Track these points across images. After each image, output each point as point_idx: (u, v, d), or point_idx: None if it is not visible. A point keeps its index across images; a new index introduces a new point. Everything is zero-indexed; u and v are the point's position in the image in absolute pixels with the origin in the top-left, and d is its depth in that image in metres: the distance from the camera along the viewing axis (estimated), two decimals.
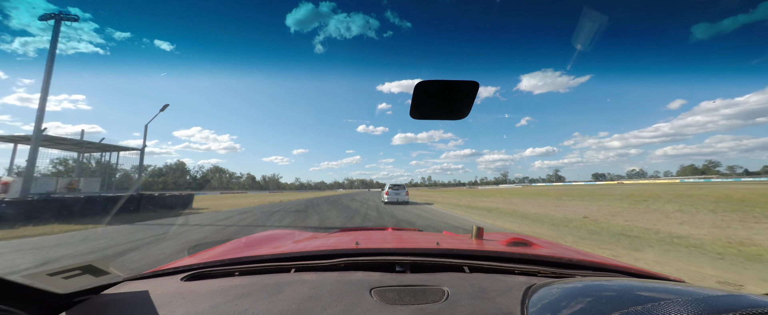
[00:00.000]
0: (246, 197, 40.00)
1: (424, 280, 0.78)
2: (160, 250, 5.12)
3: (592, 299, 0.52)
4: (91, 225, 8.62)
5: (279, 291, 0.72)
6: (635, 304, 0.46)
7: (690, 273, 3.66)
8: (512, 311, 0.61)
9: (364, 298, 0.67)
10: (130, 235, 6.62)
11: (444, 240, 1.29)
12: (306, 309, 0.63)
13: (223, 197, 41.07)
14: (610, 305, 0.48)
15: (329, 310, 0.62)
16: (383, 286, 0.73)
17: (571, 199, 18.74)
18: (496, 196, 26.14)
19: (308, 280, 0.78)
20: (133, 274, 0.91)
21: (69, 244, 5.68)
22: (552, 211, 11.38)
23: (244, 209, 15.15)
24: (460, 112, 1.04)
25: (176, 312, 0.64)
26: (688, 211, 9.67)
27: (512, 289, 0.70)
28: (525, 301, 0.62)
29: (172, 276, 0.89)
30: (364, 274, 0.81)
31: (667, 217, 8.74)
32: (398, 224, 8.62)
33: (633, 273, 0.91)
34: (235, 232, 7.50)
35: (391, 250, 0.97)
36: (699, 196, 16.33)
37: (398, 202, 17.66)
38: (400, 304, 0.64)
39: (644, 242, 5.47)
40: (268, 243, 1.43)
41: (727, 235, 5.88)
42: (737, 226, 6.86)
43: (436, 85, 0.96)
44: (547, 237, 4.89)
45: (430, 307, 0.63)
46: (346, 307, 0.63)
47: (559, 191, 33.91)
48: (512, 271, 0.85)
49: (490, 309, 0.62)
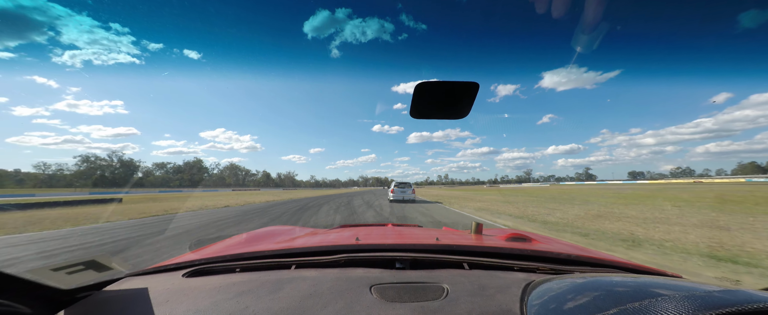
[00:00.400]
0: (245, 195, 37.83)
1: (424, 277, 0.78)
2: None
3: (590, 295, 0.52)
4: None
5: (279, 288, 0.72)
6: (633, 300, 0.46)
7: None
8: (511, 308, 0.61)
9: (364, 295, 0.68)
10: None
11: (444, 236, 1.29)
12: (306, 306, 0.63)
13: (222, 195, 38.02)
14: (608, 301, 0.48)
15: (329, 307, 0.63)
16: (383, 283, 0.74)
17: (659, 205, 11.94)
18: (523, 197, 20.63)
19: (308, 277, 0.78)
20: (136, 269, 0.92)
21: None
22: (680, 238, 5.45)
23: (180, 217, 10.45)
24: (459, 112, 1.04)
25: (178, 308, 0.65)
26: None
27: (511, 286, 0.71)
28: (524, 298, 0.62)
29: (174, 272, 0.90)
30: (364, 271, 0.82)
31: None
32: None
33: (631, 269, 0.92)
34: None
35: (391, 246, 0.97)
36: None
37: (404, 199, 16.80)
38: (400, 302, 0.65)
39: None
40: (269, 239, 1.44)
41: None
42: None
43: (436, 86, 0.97)
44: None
45: (430, 304, 0.64)
46: (346, 305, 0.64)
47: (614, 193, 24.14)
48: (511, 268, 0.86)
49: (490, 306, 0.62)
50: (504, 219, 8.80)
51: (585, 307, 0.48)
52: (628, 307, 0.45)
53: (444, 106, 1.03)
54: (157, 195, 45.81)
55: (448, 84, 0.96)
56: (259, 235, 1.53)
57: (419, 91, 0.97)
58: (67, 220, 9.40)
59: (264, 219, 9.88)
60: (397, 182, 16.87)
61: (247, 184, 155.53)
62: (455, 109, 1.04)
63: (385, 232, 1.52)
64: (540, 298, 0.58)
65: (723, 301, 0.42)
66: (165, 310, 0.64)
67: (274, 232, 1.65)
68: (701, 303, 0.41)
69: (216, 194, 45.77)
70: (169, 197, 31.98)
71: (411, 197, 16.56)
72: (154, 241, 5.77)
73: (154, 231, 7.01)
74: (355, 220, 9.55)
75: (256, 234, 1.58)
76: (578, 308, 0.49)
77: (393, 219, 9.28)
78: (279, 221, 9.45)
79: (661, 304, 0.43)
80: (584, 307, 0.48)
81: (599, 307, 0.47)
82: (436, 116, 1.06)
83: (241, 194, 43.51)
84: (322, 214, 11.08)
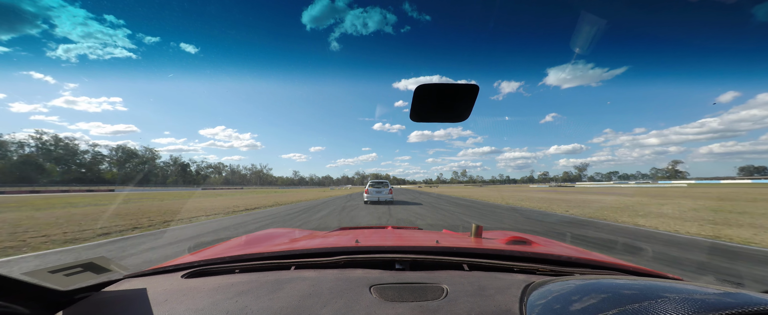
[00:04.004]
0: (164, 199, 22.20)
1: (424, 277, 0.78)
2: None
3: (590, 297, 0.52)
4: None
5: (279, 288, 0.72)
6: (633, 302, 0.46)
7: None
8: (511, 309, 0.61)
9: (363, 295, 0.68)
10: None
11: (443, 238, 1.30)
12: (306, 306, 0.63)
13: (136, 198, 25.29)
14: (608, 303, 0.48)
15: (329, 306, 0.63)
16: (383, 283, 0.74)
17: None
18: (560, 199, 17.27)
19: (308, 278, 0.78)
20: (134, 271, 0.92)
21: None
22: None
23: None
24: (459, 114, 1.04)
25: (177, 309, 0.65)
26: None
27: (511, 287, 0.71)
28: (523, 299, 0.62)
29: (173, 273, 0.90)
30: (363, 272, 0.82)
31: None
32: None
33: (631, 271, 0.92)
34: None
35: (391, 247, 0.97)
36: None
37: (380, 201, 14.94)
38: (400, 302, 0.65)
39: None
40: (268, 241, 1.44)
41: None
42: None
43: (436, 88, 0.97)
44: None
45: (430, 304, 0.64)
46: (345, 304, 0.64)
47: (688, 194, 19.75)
48: (511, 269, 0.86)
49: (489, 307, 0.62)
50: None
51: (585, 309, 0.48)
52: (628, 308, 0.45)
53: (444, 109, 1.03)
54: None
55: (448, 86, 0.97)
56: (258, 238, 1.54)
57: (419, 94, 0.98)
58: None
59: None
60: (372, 181, 15.07)
61: (198, 181, 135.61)
62: (455, 111, 1.04)
63: (385, 234, 1.53)
64: (540, 300, 0.58)
65: (723, 303, 0.42)
66: (164, 310, 0.64)
67: (274, 234, 1.66)
68: (701, 305, 0.42)
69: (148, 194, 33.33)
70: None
71: (387, 198, 14.73)
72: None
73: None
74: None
75: (256, 236, 1.58)
76: (578, 309, 0.49)
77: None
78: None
79: (661, 306, 0.43)
80: (584, 309, 0.48)
81: (599, 308, 0.47)
82: (436, 119, 1.07)
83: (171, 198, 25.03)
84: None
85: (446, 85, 0.96)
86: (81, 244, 5.63)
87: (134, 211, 12.16)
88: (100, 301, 0.72)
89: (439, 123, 1.09)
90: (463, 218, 9.59)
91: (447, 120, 1.07)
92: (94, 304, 0.71)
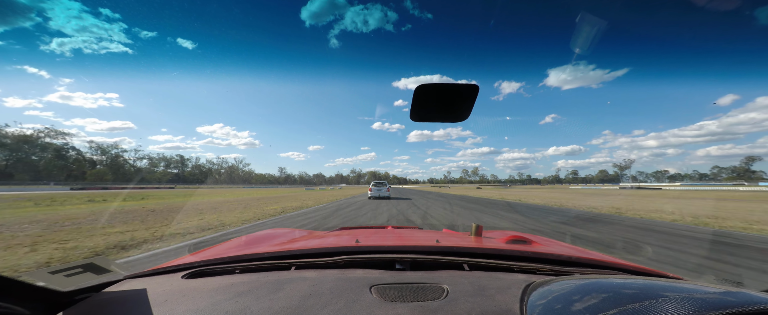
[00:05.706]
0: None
1: (424, 277, 0.78)
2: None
3: (590, 296, 0.52)
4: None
5: (279, 288, 0.72)
6: (633, 302, 0.46)
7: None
8: (511, 308, 0.61)
9: (364, 295, 0.68)
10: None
11: (444, 238, 1.29)
12: (306, 306, 0.63)
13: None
14: (608, 302, 0.48)
15: (329, 307, 0.63)
16: (383, 283, 0.74)
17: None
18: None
19: (308, 278, 0.78)
20: (135, 272, 0.92)
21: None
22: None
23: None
24: (459, 115, 1.05)
25: (177, 309, 0.65)
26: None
27: (511, 287, 0.71)
28: (524, 299, 0.62)
29: (173, 274, 0.90)
30: (364, 272, 0.82)
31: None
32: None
33: (631, 270, 0.92)
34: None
35: (391, 247, 0.97)
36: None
37: (380, 196, 20.14)
38: (400, 302, 0.65)
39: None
40: (269, 241, 1.44)
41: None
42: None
43: (436, 88, 0.97)
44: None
45: (430, 304, 0.64)
46: (346, 304, 0.64)
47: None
48: (511, 269, 0.86)
49: (490, 306, 0.63)
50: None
51: (586, 309, 0.48)
52: (628, 308, 0.45)
53: (444, 109, 1.04)
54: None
55: (448, 86, 0.97)
56: (258, 238, 1.54)
57: (419, 93, 0.98)
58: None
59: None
60: (375, 182, 20.75)
61: (150, 179, 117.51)
62: (455, 111, 1.04)
63: (385, 234, 1.53)
64: (540, 299, 0.58)
65: (723, 302, 0.42)
66: (164, 311, 0.64)
67: (274, 234, 1.66)
68: (702, 304, 0.41)
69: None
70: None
71: (386, 194, 20.39)
72: None
73: None
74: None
75: (256, 237, 1.59)
76: (579, 309, 0.49)
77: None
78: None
79: (661, 305, 0.43)
80: (585, 309, 0.48)
81: (600, 308, 0.47)
82: (436, 119, 1.07)
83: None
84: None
85: (446, 85, 0.97)
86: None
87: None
88: (100, 301, 0.72)
89: (438, 123, 1.08)
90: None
91: (447, 120, 1.07)
92: (94, 304, 0.71)
